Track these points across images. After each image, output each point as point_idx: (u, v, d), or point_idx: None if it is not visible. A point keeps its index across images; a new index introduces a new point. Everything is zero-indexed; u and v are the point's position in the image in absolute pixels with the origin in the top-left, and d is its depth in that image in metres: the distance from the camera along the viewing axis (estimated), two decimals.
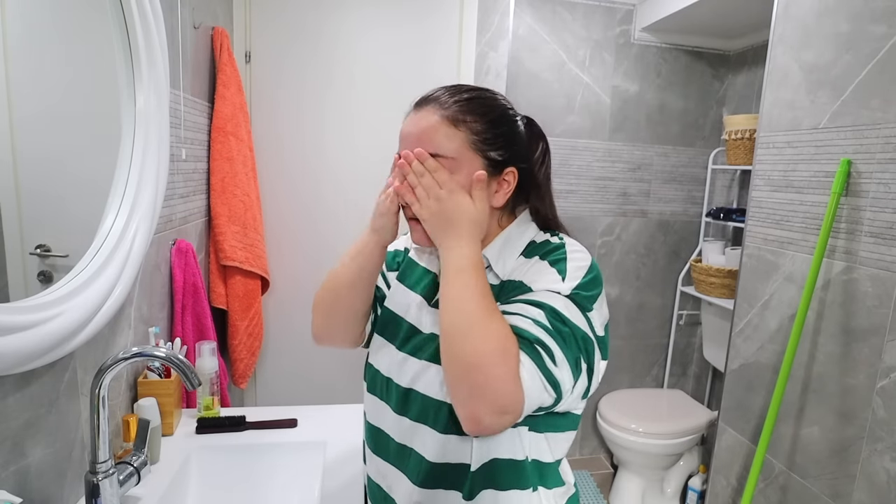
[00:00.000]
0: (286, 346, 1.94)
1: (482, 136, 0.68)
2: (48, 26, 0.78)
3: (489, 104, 0.70)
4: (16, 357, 0.62)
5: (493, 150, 0.68)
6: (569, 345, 0.61)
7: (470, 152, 0.67)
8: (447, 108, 0.68)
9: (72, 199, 0.85)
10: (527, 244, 0.72)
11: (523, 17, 2.09)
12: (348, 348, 0.85)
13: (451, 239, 0.65)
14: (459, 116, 0.67)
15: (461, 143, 0.67)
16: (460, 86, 0.72)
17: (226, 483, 1.02)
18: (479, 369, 0.57)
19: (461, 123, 0.67)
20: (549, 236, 0.73)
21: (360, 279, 0.77)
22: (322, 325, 0.82)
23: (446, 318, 0.62)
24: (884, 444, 1.12)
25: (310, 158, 1.87)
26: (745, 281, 1.51)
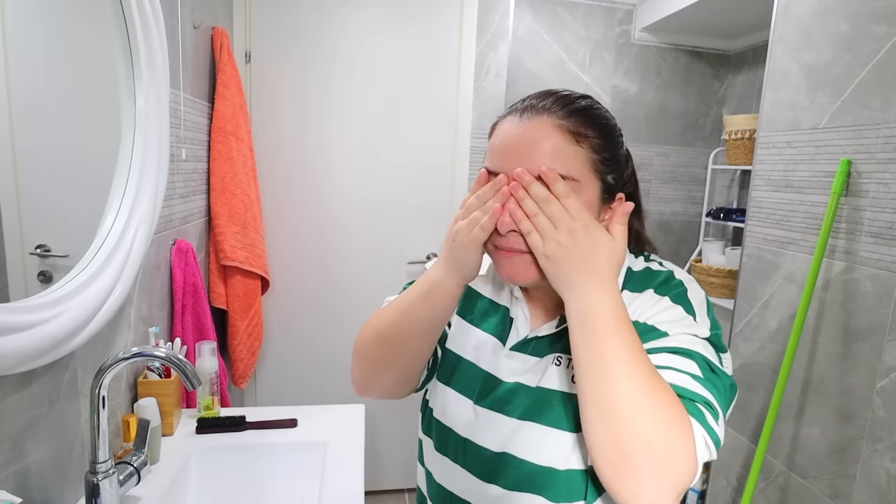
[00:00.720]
0: (286, 346, 1.94)
1: (602, 156, 0.56)
2: (48, 26, 0.78)
3: (604, 116, 0.59)
4: (16, 357, 0.62)
5: (609, 173, 0.57)
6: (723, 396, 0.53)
7: (590, 174, 0.55)
8: (569, 117, 0.56)
9: (72, 199, 0.85)
10: (624, 274, 0.61)
11: (523, 17, 2.09)
12: (398, 398, 0.71)
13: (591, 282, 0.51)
14: (583, 130, 0.55)
15: (583, 163, 0.55)
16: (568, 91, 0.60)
17: (226, 483, 1.02)
18: (656, 449, 0.46)
19: (583, 139, 0.55)
20: (644, 261, 0.63)
21: (430, 324, 0.61)
22: (370, 377, 0.67)
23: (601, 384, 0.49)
24: (884, 444, 1.12)
25: (310, 158, 1.87)
26: (745, 281, 1.51)
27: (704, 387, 0.51)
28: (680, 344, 0.53)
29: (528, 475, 0.58)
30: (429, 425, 0.68)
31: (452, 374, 0.67)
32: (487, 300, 0.69)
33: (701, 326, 0.55)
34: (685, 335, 0.54)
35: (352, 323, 1.91)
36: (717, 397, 0.51)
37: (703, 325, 0.56)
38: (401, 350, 0.63)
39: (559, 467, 0.56)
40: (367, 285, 1.95)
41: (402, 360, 0.64)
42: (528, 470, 0.58)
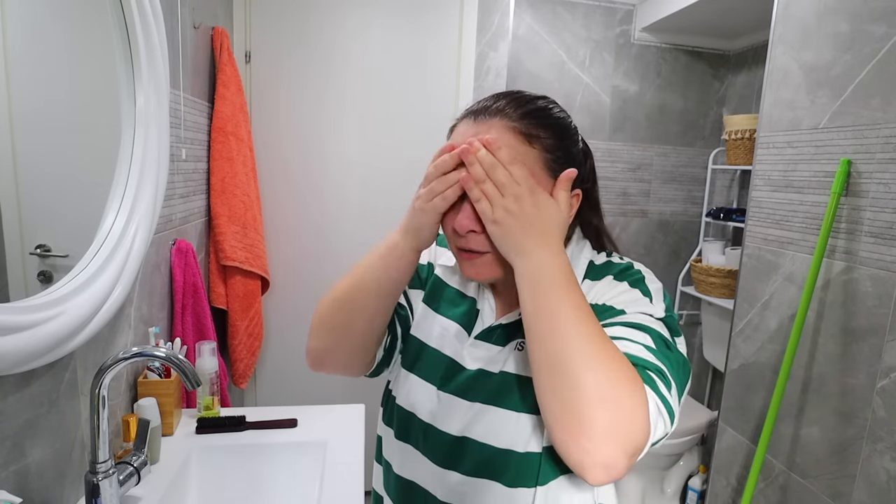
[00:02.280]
0: (286, 346, 1.94)
1: (555, 155, 0.57)
2: (48, 26, 0.78)
3: (558, 116, 0.60)
4: (16, 357, 0.62)
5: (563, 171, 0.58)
6: (677, 371, 0.54)
7: (543, 173, 0.57)
8: (521, 119, 0.57)
9: (72, 199, 0.85)
10: (587, 267, 0.63)
11: (523, 17, 2.09)
12: (351, 376, 0.71)
13: (538, 245, 0.52)
14: (534, 131, 0.56)
15: (535, 163, 0.56)
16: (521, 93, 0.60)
17: (226, 483, 1.02)
18: (607, 404, 0.46)
19: (535, 140, 0.56)
20: (606, 256, 0.65)
21: (385, 287, 0.62)
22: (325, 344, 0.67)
23: (552, 344, 0.49)
24: (884, 444, 1.12)
25: (309, 158, 1.87)
26: (745, 281, 1.51)
27: (657, 357, 0.52)
28: (635, 321, 0.55)
29: (487, 459, 0.59)
30: (391, 415, 0.69)
31: (416, 361, 0.68)
32: (454, 290, 0.70)
33: (656, 307, 0.58)
34: (640, 314, 0.56)
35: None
36: (670, 370, 0.53)
37: (658, 307, 0.58)
38: (357, 313, 0.63)
39: (518, 450, 0.58)
40: None
41: (358, 324, 0.64)
42: (487, 454, 0.59)
